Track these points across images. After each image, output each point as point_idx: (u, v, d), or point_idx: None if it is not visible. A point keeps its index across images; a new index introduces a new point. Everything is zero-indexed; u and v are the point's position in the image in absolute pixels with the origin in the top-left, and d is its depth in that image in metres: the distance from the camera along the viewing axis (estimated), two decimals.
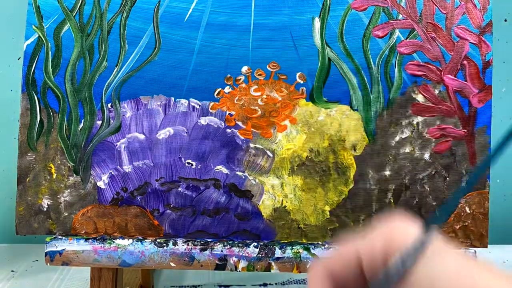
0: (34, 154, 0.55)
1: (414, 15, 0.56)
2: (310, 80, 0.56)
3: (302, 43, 0.55)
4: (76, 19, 0.56)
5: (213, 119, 0.56)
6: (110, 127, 0.56)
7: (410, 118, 0.56)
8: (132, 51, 0.56)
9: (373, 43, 0.56)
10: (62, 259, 0.54)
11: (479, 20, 0.55)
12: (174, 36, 0.56)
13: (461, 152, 0.55)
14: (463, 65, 0.55)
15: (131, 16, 0.56)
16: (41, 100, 0.55)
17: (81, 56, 0.56)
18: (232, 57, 0.55)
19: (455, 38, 0.55)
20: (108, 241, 0.54)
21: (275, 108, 0.56)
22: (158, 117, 0.56)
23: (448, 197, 0.55)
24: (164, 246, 0.54)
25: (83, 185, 0.55)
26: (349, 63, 0.56)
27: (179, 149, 0.55)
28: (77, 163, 0.56)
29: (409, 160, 0.55)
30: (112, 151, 0.56)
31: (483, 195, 0.55)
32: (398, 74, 0.56)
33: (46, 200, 0.55)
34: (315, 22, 0.56)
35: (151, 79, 0.56)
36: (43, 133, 0.55)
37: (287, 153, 0.56)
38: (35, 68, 0.55)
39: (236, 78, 0.56)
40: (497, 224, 1.00)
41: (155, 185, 0.55)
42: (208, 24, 0.56)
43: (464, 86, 0.55)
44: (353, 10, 0.56)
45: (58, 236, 0.55)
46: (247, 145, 0.56)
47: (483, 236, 0.55)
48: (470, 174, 0.55)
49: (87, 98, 0.56)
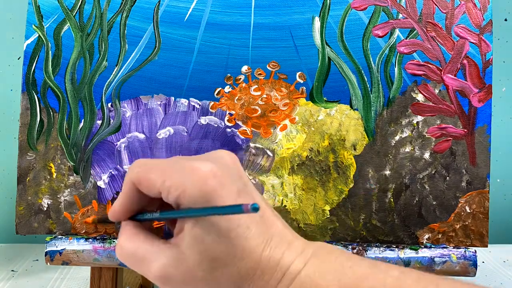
0: (34, 153, 0.55)
1: (414, 15, 0.56)
2: (310, 80, 0.56)
3: (302, 42, 0.55)
4: (76, 19, 0.56)
5: (213, 119, 0.56)
6: (110, 126, 0.56)
7: (410, 118, 0.56)
8: (132, 50, 0.56)
9: (373, 42, 0.56)
10: (62, 259, 0.54)
11: (479, 19, 0.55)
12: (174, 36, 0.56)
13: (461, 152, 0.55)
14: (463, 64, 0.55)
15: (131, 16, 0.56)
16: (41, 99, 0.55)
17: (81, 56, 0.56)
18: (232, 56, 0.55)
19: (455, 38, 0.55)
20: (108, 240, 0.54)
21: (275, 107, 0.56)
22: (158, 116, 0.56)
23: (448, 197, 0.56)
24: None
25: (83, 185, 0.55)
26: (349, 63, 0.56)
27: (179, 148, 0.55)
28: (77, 162, 0.56)
29: (409, 159, 0.55)
30: (112, 151, 0.56)
31: (483, 194, 0.55)
32: (398, 74, 0.56)
33: (46, 200, 0.55)
34: (315, 22, 0.56)
35: (151, 78, 0.56)
36: (43, 133, 0.55)
37: (287, 153, 0.56)
38: (35, 67, 0.55)
39: (236, 78, 0.56)
40: (497, 224, 1.00)
41: None
42: (208, 23, 0.56)
43: (464, 86, 0.55)
44: (353, 9, 0.56)
45: (58, 236, 0.55)
46: (247, 144, 0.56)
47: (483, 236, 0.55)
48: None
49: (87, 98, 0.56)
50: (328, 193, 0.56)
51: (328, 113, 0.56)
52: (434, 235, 0.55)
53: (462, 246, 0.55)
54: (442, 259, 0.54)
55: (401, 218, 0.55)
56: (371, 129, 0.56)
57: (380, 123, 0.56)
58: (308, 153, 0.56)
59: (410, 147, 0.56)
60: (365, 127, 0.56)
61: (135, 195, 0.37)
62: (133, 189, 0.36)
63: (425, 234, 0.55)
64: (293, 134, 0.56)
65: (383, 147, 0.56)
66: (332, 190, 0.56)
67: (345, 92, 0.56)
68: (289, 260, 0.34)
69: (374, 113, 0.56)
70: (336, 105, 0.56)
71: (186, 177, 0.33)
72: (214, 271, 0.33)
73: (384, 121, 0.56)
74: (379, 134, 0.56)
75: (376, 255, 0.54)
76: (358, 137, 0.56)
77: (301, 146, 0.56)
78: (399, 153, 0.56)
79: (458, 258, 0.54)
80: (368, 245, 0.55)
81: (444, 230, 0.55)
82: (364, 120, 0.56)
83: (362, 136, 0.56)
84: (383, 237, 0.55)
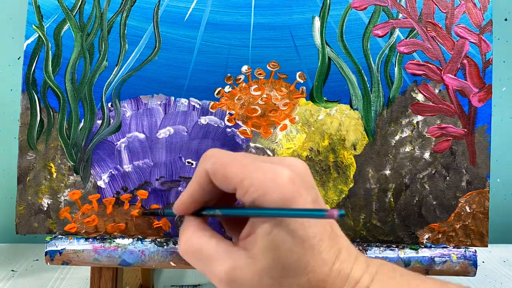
0: (34, 153, 0.55)
1: (414, 14, 0.56)
2: (310, 79, 0.56)
3: (302, 42, 0.55)
4: (76, 19, 0.56)
5: (213, 119, 0.56)
6: (110, 126, 0.56)
7: (410, 117, 0.56)
8: (132, 50, 0.56)
9: (373, 42, 0.56)
10: (62, 259, 0.54)
11: (479, 19, 0.55)
12: (174, 36, 0.56)
13: (461, 151, 0.55)
14: (463, 64, 0.55)
15: (131, 16, 0.56)
16: (41, 99, 0.55)
17: (81, 56, 0.56)
18: (232, 56, 0.55)
19: (455, 37, 0.55)
20: (108, 240, 0.54)
21: (275, 107, 0.56)
22: (158, 116, 0.56)
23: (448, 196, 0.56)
24: (165, 246, 0.54)
25: (83, 185, 0.55)
26: (349, 63, 0.56)
27: (179, 148, 0.55)
28: (77, 162, 0.56)
29: (409, 159, 0.55)
30: (112, 151, 0.56)
31: (483, 194, 0.55)
32: (398, 73, 0.56)
33: (46, 200, 0.55)
34: (315, 22, 0.56)
35: (151, 78, 0.56)
36: (43, 133, 0.55)
37: (287, 153, 0.56)
38: (35, 67, 0.55)
39: (236, 78, 0.56)
40: (497, 224, 1.00)
41: (156, 184, 0.55)
42: (208, 23, 0.56)
43: (464, 85, 0.55)
44: (353, 9, 0.56)
45: (58, 236, 0.55)
46: (247, 144, 0.56)
47: (484, 236, 0.55)
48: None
49: (87, 98, 0.56)
50: (328, 193, 0.56)
51: (328, 113, 0.56)
52: (434, 235, 0.55)
53: (462, 246, 0.55)
54: (442, 259, 0.54)
55: (401, 218, 0.55)
56: (371, 129, 0.56)
57: (380, 123, 0.56)
58: (308, 153, 0.56)
59: (410, 147, 0.56)
60: (365, 127, 0.56)
61: (207, 187, 0.36)
62: (207, 180, 0.36)
63: (425, 234, 0.55)
64: (293, 134, 0.56)
65: (383, 147, 0.56)
66: (332, 190, 0.56)
67: (345, 92, 0.56)
68: (358, 275, 0.34)
69: (374, 113, 0.56)
70: (336, 105, 0.56)
71: (267, 180, 0.33)
72: (283, 280, 0.33)
73: (384, 121, 0.56)
74: (379, 134, 0.56)
75: (376, 255, 0.54)
76: (358, 137, 0.56)
77: (301, 146, 0.56)
78: (399, 153, 0.56)
79: (458, 258, 0.54)
80: (368, 245, 0.55)
81: (444, 230, 0.55)
82: (364, 120, 0.56)
83: (362, 136, 0.56)
84: (383, 237, 0.55)
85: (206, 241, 0.35)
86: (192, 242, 0.35)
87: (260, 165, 0.34)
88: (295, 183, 0.33)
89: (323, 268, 0.33)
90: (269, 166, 0.34)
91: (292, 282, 0.33)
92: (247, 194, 0.33)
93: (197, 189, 0.36)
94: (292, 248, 0.32)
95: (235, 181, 0.34)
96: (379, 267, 0.35)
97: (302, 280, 0.33)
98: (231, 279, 0.33)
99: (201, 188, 0.36)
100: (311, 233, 0.33)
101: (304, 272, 0.33)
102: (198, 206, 0.37)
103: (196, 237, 0.35)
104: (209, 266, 0.34)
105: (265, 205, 0.33)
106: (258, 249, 0.33)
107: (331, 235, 0.34)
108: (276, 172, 0.33)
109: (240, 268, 0.33)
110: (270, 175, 0.33)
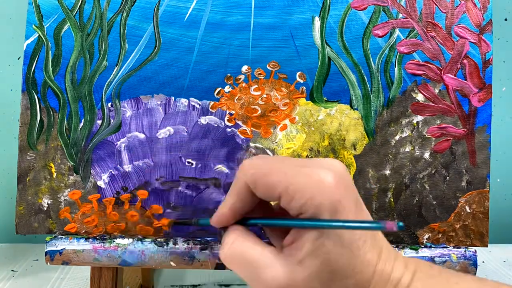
0: (34, 153, 0.55)
1: (414, 14, 0.56)
2: (310, 79, 0.56)
3: (302, 42, 0.55)
4: (76, 19, 0.56)
5: (213, 119, 0.56)
6: (110, 126, 0.56)
7: (410, 117, 0.56)
8: (132, 50, 0.56)
9: (373, 42, 0.56)
10: (62, 259, 0.54)
11: (479, 19, 0.55)
12: (174, 36, 0.56)
13: (461, 151, 0.55)
14: (463, 64, 0.55)
15: (131, 16, 0.56)
16: (41, 99, 0.55)
17: (81, 56, 0.56)
18: (232, 56, 0.55)
19: (455, 37, 0.55)
20: (108, 240, 0.54)
21: (275, 107, 0.56)
22: (158, 116, 0.56)
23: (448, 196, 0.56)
24: (164, 246, 0.54)
25: (83, 185, 0.55)
26: (349, 62, 0.56)
27: (179, 148, 0.55)
28: (77, 162, 0.56)
29: (409, 159, 0.55)
30: (112, 151, 0.56)
31: (483, 194, 0.55)
32: (398, 73, 0.56)
33: (46, 200, 0.55)
34: (315, 21, 0.56)
35: (151, 78, 0.56)
36: (43, 133, 0.55)
37: (287, 152, 0.56)
38: (35, 67, 0.55)
39: (236, 78, 0.56)
40: (497, 224, 1.00)
41: (156, 184, 0.55)
42: (208, 23, 0.56)
43: (464, 85, 0.55)
44: (353, 9, 0.56)
45: (58, 236, 0.55)
46: (247, 144, 0.56)
47: (484, 235, 0.55)
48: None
49: (87, 98, 0.56)
50: None
51: (328, 113, 0.56)
52: (434, 235, 0.55)
53: (462, 245, 0.55)
54: (442, 258, 0.54)
55: (401, 218, 0.55)
56: (371, 129, 0.56)
57: (380, 123, 0.56)
58: (308, 153, 0.56)
59: (410, 147, 0.56)
60: (365, 127, 0.56)
61: (248, 198, 0.36)
62: (247, 191, 0.36)
63: (425, 234, 0.55)
64: (293, 133, 0.56)
65: (383, 147, 0.56)
66: None
67: (345, 92, 0.56)
68: (399, 274, 0.34)
69: (374, 113, 0.56)
70: (336, 105, 0.56)
71: (313, 184, 0.33)
72: (331, 283, 0.33)
73: (384, 121, 0.56)
74: (379, 134, 0.56)
75: None
76: (358, 137, 0.56)
77: (301, 146, 0.56)
78: (399, 153, 0.56)
79: (458, 258, 0.54)
80: None
81: (444, 229, 0.55)
82: (364, 120, 0.56)
83: (362, 136, 0.56)
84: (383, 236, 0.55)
85: (251, 247, 0.35)
86: (236, 247, 0.35)
87: (301, 170, 0.34)
88: (340, 186, 0.33)
89: (369, 269, 0.33)
90: (311, 170, 0.34)
91: (340, 285, 0.33)
92: (293, 200, 0.33)
93: (237, 201, 0.36)
94: (340, 251, 0.32)
95: (280, 189, 0.34)
96: (417, 265, 0.35)
97: (349, 282, 0.33)
98: (279, 286, 0.33)
99: (241, 199, 0.36)
100: (356, 235, 0.33)
101: (352, 274, 0.33)
102: (239, 218, 0.38)
103: (239, 242, 0.35)
104: (254, 273, 0.34)
105: (312, 210, 0.33)
106: (307, 254, 0.33)
107: (372, 235, 0.34)
108: (320, 175, 0.33)
109: (287, 275, 0.33)
110: (315, 179, 0.33)
